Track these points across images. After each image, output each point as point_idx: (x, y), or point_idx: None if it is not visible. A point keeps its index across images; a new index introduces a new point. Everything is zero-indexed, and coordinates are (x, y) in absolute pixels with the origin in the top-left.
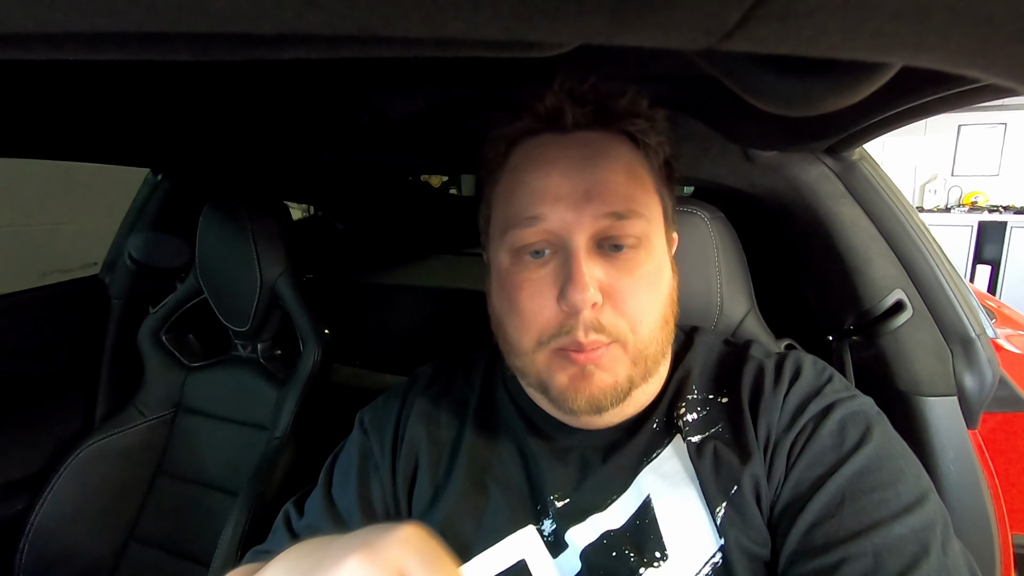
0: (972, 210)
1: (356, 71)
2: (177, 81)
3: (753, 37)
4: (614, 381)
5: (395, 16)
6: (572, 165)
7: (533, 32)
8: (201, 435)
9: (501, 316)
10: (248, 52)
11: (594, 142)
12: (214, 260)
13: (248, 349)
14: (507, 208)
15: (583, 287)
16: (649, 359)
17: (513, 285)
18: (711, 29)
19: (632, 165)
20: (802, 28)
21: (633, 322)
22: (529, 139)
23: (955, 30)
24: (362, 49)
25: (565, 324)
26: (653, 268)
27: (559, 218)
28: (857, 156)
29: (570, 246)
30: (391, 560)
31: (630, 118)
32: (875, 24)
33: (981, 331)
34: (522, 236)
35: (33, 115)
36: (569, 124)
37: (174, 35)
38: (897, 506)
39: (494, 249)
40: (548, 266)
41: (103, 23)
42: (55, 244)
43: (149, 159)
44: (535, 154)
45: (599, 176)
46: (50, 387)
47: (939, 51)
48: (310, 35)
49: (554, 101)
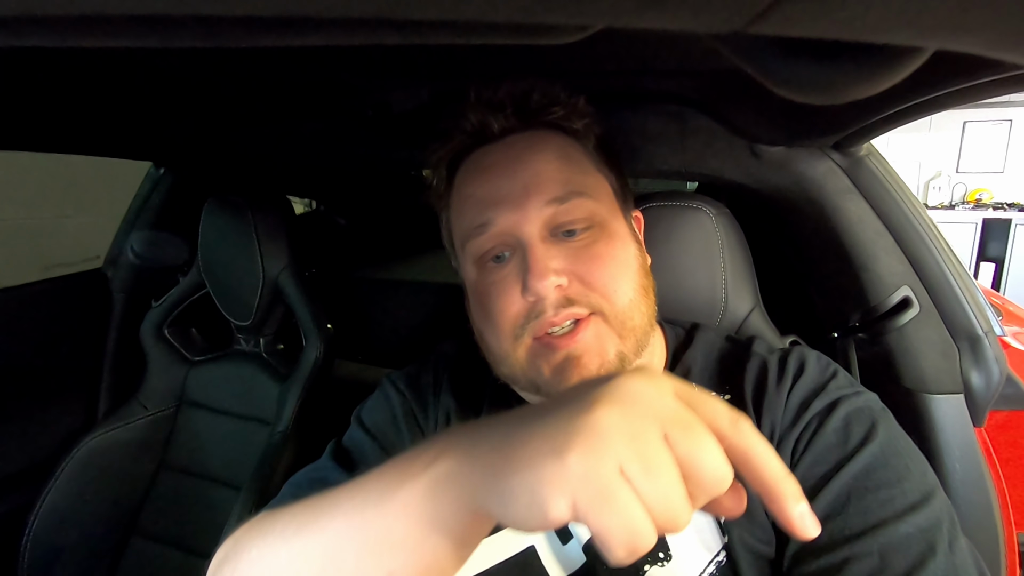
0: (976, 207)
1: (360, 64)
2: (180, 74)
3: (788, 18)
4: (602, 360)
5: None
6: (507, 167)
7: (553, 14)
8: (203, 429)
9: (480, 328)
10: (256, 38)
11: (523, 140)
12: (216, 254)
13: (250, 343)
14: (460, 222)
15: (541, 273)
16: (637, 330)
17: (482, 292)
18: (744, 9)
19: (564, 151)
20: (843, 7)
21: (605, 291)
22: (465, 157)
23: (1001, 11)
24: (375, 35)
25: (533, 310)
26: (612, 242)
27: (505, 219)
28: (865, 151)
29: (524, 241)
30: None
31: (547, 109)
32: (920, 3)
33: (988, 328)
34: (478, 244)
35: (36, 108)
36: (496, 131)
37: (179, 18)
38: (903, 504)
39: (462, 266)
40: (509, 265)
41: (105, 5)
42: (58, 238)
43: (152, 153)
44: (472, 167)
45: (532, 169)
46: (53, 381)
47: (982, 33)
48: (324, 19)
49: (476, 115)
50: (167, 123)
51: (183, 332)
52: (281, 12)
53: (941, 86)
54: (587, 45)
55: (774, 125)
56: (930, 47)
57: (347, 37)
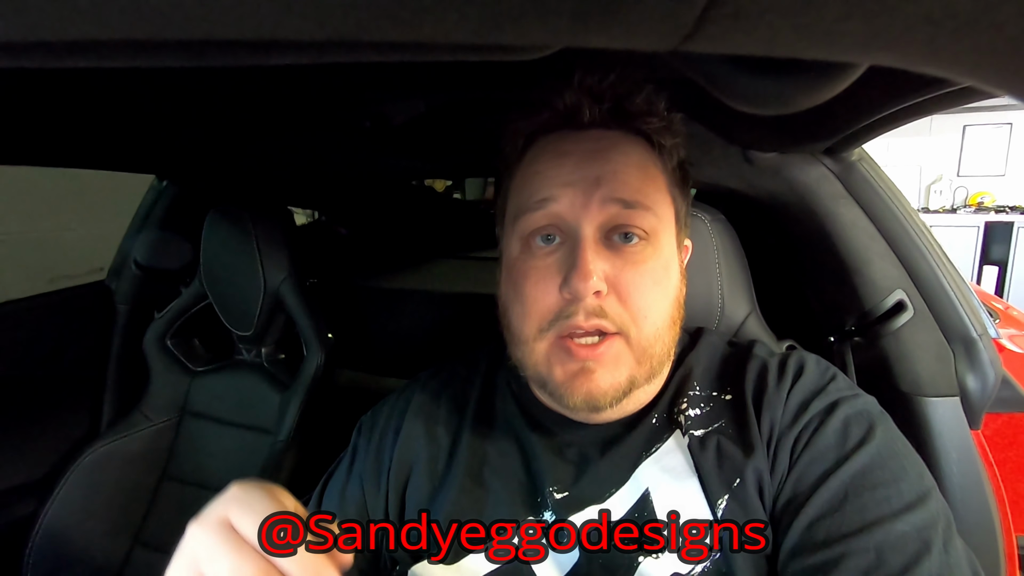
0: (978, 211)
1: (357, 76)
2: (182, 88)
3: (712, 38)
4: (614, 381)
5: (368, 21)
6: (585, 156)
7: (502, 35)
8: (206, 439)
9: (506, 304)
10: (238, 58)
11: (608, 138)
12: (218, 265)
13: (252, 353)
14: (519, 195)
15: (586, 275)
16: (654, 359)
17: (520, 273)
18: (671, 31)
19: (645, 162)
20: (756, 28)
21: (636, 315)
22: (546, 134)
23: (901, 29)
24: (347, 54)
25: (566, 309)
26: (660, 265)
27: (568, 201)
28: (856, 157)
29: (578, 234)
30: (215, 515)
31: (646, 117)
32: (825, 24)
33: (983, 331)
34: (532, 220)
35: (39, 123)
36: (586, 121)
37: (161, 42)
38: (899, 503)
39: (506, 239)
40: (555, 255)
41: (92, 31)
42: (62, 250)
43: (154, 165)
44: (550, 147)
45: (610, 166)
46: (57, 392)
47: (893, 50)
48: (293, 41)
49: (573, 98)
50: (170, 136)
51: (185, 343)
52: (255, 36)
53: (923, 91)
54: (574, 56)
55: (765, 131)
56: (857, 62)
57: (323, 56)
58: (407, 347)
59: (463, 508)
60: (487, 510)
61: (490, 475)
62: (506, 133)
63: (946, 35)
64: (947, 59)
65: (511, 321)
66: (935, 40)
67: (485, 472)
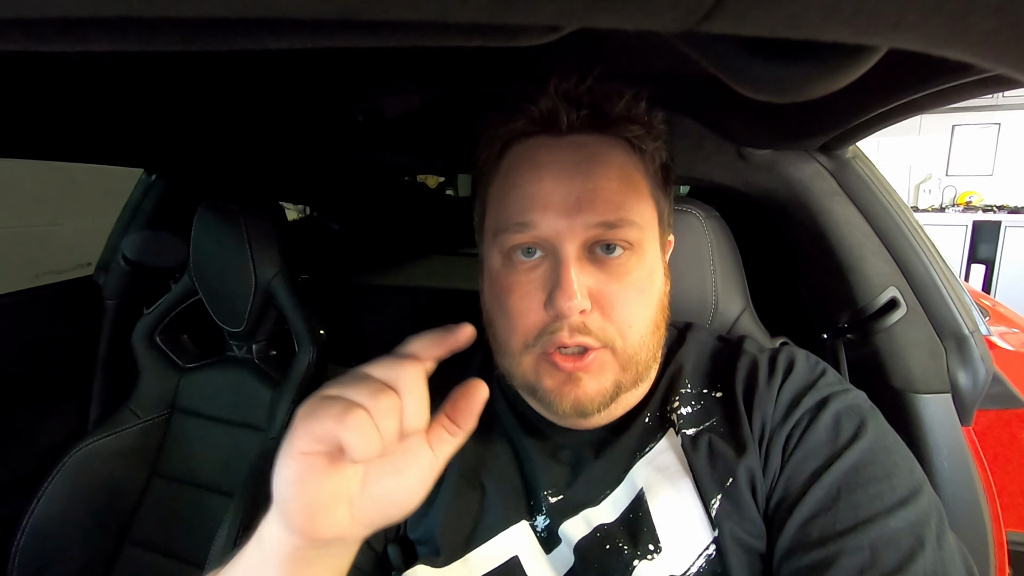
0: (966, 210)
1: (351, 69)
2: (171, 79)
3: (733, 17)
4: (600, 387)
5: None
6: (564, 170)
7: (511, 14)
8: (196, 436)
9: (491, 316)
10: (233, 40)
11: (588, 146)
12: (208, 261)
13: (243, 350)
14: (499, 211)
15: (570, 295)
16: (640, 364)
17: (503, 287)
18: (690, 8)
19: (626, 170)
20: (781, 6)
21: (622, 328)
22: (523, 141)
23: (934, 6)
24: (345, 36)
25: (551, 325)
26: (644, 274)
27: (549, 226)
28: (851, 154)
29: (560, 253)
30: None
31: (626, 123)
32: (855, 3)
33: (974, 328)
34: (512, 240)
35: (25, 115)
36: (564, 127)
37: (156, 20)
38: (892, 500)
39: (487, 248)
40: (538, 270)
41: (83, 8)
42: (49, 245)
43: (143, 159)
44: (527, 157)
45: (591, 184)
46: (44, 388)
47: (919, 30)
48: (291, 20)
49: (549, 104)
50: (158, 129)
51: (175, 339)
52: (253, 14)
53: (920, 87)
54: (572, 48)
55: (760, 127)
56: (878, 45)
57: (320, 39)
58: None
59: (459, 511)
60: (479, 514)
61: (485, 478)
62: (482, 139)
63: (980, 12)
64: (976, 40)
65: (497, 332)
66: (967, 17)
67: (480, 475)
